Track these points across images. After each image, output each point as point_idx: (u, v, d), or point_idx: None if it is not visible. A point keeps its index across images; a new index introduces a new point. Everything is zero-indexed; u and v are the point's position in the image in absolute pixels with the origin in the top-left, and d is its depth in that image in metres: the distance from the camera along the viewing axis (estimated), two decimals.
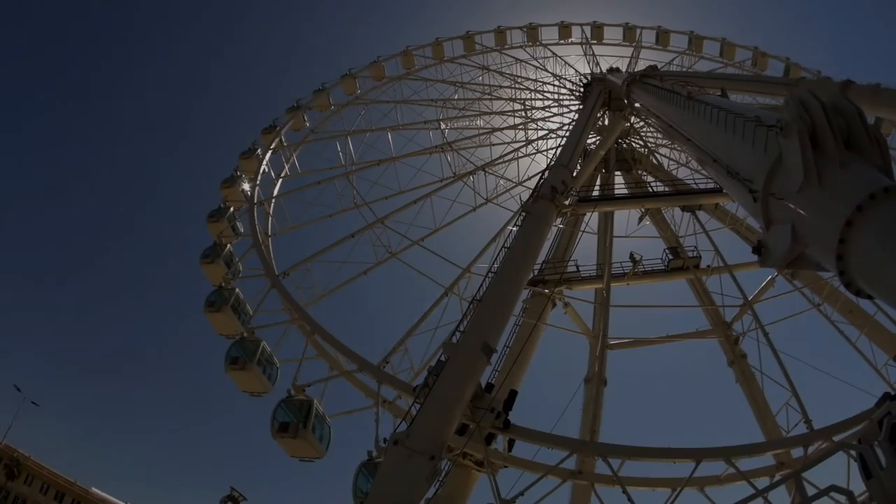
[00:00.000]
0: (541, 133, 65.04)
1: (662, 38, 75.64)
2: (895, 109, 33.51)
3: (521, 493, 28.55)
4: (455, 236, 56.87)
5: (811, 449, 30.89)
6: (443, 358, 29.69)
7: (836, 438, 30.35)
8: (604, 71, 65.71)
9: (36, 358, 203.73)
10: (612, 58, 73.38)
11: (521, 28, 76.44)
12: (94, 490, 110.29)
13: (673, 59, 73.44)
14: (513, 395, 32.45)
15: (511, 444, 31.31)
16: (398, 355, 39.29)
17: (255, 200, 49.49)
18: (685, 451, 30.34)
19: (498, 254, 37.60)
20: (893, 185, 15.52)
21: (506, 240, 38.16)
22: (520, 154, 61.87)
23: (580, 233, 55.36)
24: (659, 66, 62.57)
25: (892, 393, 17.37)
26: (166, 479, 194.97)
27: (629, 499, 28.03)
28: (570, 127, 59.95)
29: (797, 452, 31.95)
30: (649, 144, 62.38)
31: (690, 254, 51.09)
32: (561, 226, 53.92)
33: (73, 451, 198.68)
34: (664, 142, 60.85)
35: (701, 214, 54.16)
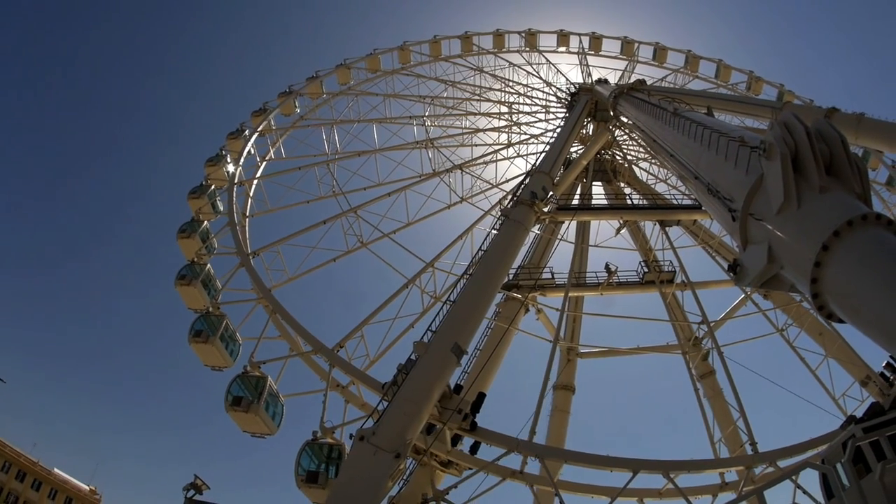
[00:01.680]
0: (523, 137, 65.52)
1: (660, 54, 76.40)
2: (877, 138, 34.16)
3: (455, 486, 29.43)
4: (428, 231, 57.44)
5: (764, 469, 31.19)
6: (413, 357, 29.58)
7: (780, 463, 30.75)
8: (593, 81, 66.12)
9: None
10: (607, 70, 74.47)
11: (519, 33, 76.81)
12: (57, 471, 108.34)
13: (666, 76, 74.49)
14: (481, 397, 32.44)
15: (476, 447, 31.26)
16: (354, 341, 39.66)
17: (237, 180, 49.77)
18: (623, 461, 30.49)
19: (475, 256, 37.67)
20: (871, 213, 15.73)
21: (483, 242, 38.25)
22: (499, 156, 62.60)
23: (557, 240, 55.72)
24: (652, 82, 63.26)
25: (857, 416, 17.59)
26: (129, 462, 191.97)
27: (561, 501, 28.20)
28: (553, 133, 60.52)
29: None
30: (629, 157, 62.85)
31: (666, 268, 51.51)
32: (538, 232, 54.09)
33: (37, 430, 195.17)
34: (645, 156, 61.38)
35: (677, 231, 54.77)
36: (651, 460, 30.21)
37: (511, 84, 70.93)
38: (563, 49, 76.77)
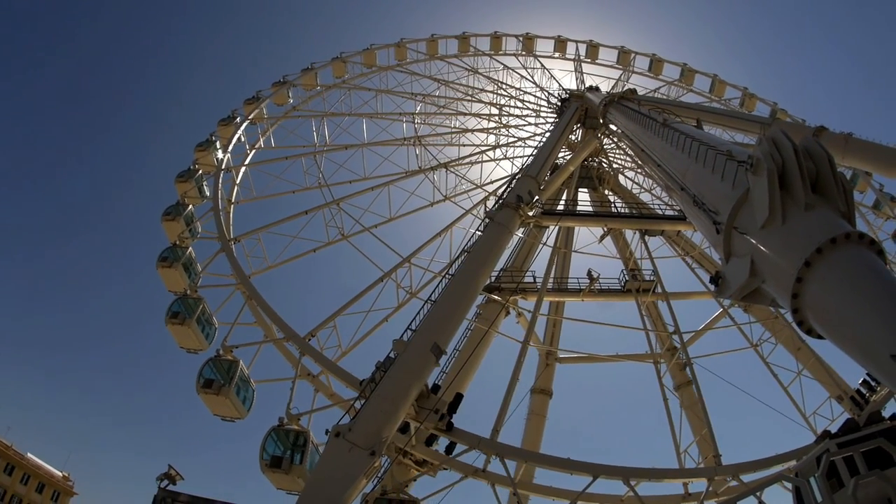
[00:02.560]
0: (511, 140, 65.81)
1: (656, 66, 76.84)
2: (864, 159, 34.61)
3: (415, 479, 29.94)
4: (410, 228, 57.72)
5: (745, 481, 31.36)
6: (392, 355, 29.53)
7: (744, 477, 31.02)
8: (584, 88, 66.41)
9: None
10: (601, 78, 75.06)
11: (517, 36, 77.10)
12: (30, 456, 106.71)
13: (659, 87, 74.76)
14: (458, 398, 32.45)
15: (451, 447, 31.22)
16: (327, 331, 39.89)
17: (224, 167, 49.79)
18: (583, 465, 30.63)
19: (457, 256, 37.71)
20: (854, 231, 15.90)
21: (466, 243, 38.34)
22: (485, 157, 62.96)
23: (540, 244, 55.92)
24: (646, 93, 63.63)
25: (831, 432, 17.82)
26: (103, 451, 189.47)
27: (518, 501, 28.14)
28: (541, 138, 60.82)
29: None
30: (616, 166, 63.18)
31: (648, 277, 51.76)
32: (522, 235, 54.24)
33: (10, 415, 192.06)
34: (631, 165, 61.73)
35: (657, 241, 55.10)
36: (611, 466, 30.27)
37: (504, 86, 71.13)
38: (558, 55, 77.17)
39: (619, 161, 63.35)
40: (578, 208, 57.49)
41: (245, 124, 54.80)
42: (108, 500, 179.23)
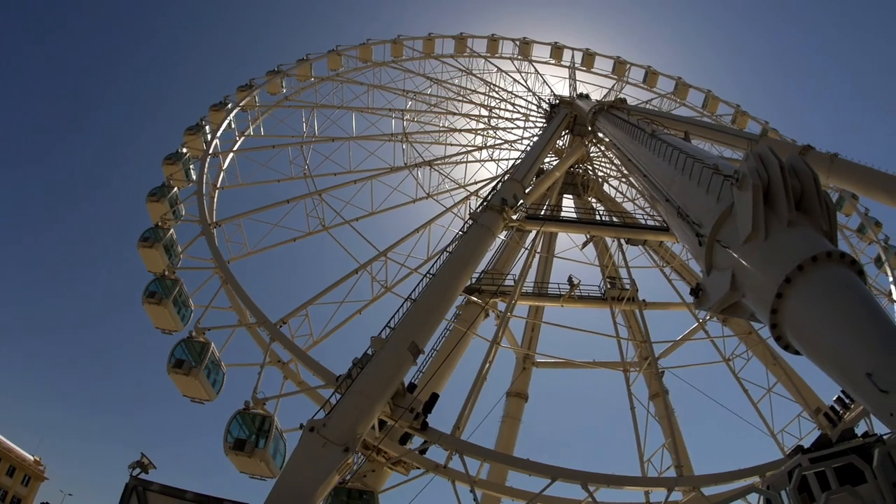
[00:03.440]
0: (498, 141, 65.95)
1: (651, 78, 77.03)
2: (849, 179, 35.09)
3: (372, 470, 30.01)
4: (390, 223, 57.62)
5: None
6: (369, 351, 29.41)
7: (707, 490, 31.29)
8: (574, 95, 66.65)
9: None
10: (594, 87, 75.12)
11: (514, 40, 77.12)
12: (2, 438, 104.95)
13: (651, 100, 75.00)
14: (434, 398, 32.36)
15: (426, 448, 31.13)
16: (299, 320, 39.86)
17: (211, 151, 49.61)
18: (541, 467, 30.59)
19: (439, 256, 37.65)
20: (836, 251, 16.12)
21: (448, 244, 38.32)
22: (470, 158, 63.04)
23: (523, 249, 55.98)
24: (638, 104, 63.92)
25: (804, 446, 18.04)
26: (76, 439, 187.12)
27: (475, 499, 28.27)
28: (528, 142, 60.99)
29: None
30: (600, 175, 63.43)
31: (628, 286, 51.94)
32: (505, 238, 54.26)
33: None
34: (616, 173, 62.00)
35: (636, 250, 55.43)
36: (570, 469, 30.20)
37: (496, 89, 71.22)
38: (554, 61, 77.29)
39: (605, 169, 63.63)
40: (562, 214, 57.67)
41: (236, 111, 54.60)
42: (79, 487, 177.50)
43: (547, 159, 57.68)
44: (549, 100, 68.09)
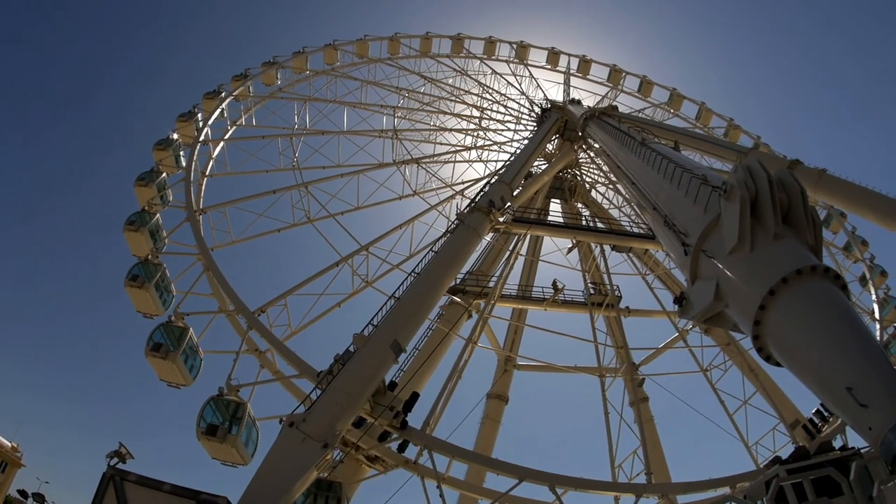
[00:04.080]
0: (487, 143, 66.14)
1: (646, 87, 77.13)
2: (836, 195, 35.45)
3: (341, 461, 29.79)
4: (375, 219, 57.97)
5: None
6: (352, 348, 29.34)
7: (680, 499, 31.46)
8: (566, 100, 66.83)
9: None
10: (588, 94, 75.10)
11: (511, 43, 77.16)
12: None
13: (644, 109, 75.09)
14: (414, 397, 32.33)
15: (403, 446, 31.06)
16: (277, 309, 39.85)
17: (202, 139, 49.36)
18: (509, 466, 30.70)
19: (424, 255, 37.65)
20: (820, 265, 16.27)
21: (427, 239, 38.42)
22: (458, 158, 63.28)
23: (508, 251, 56.00)
24: (631, 112, 64.09)
25: (782, 458, 18.20)
26: (55, 429, 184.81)
27: (441, 495, 28.41)
28: (518, 144, 61.12)
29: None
30: (587, 180, 63.68)
31: (613, 292, 52.11)
32: (490, 240, 54.27)
33: None
34: (603, 180, 62.27)
35: (618, 257, 55.76)
36: (538, 470, 30.30)
37: (489, 90, 71.30)
38: (549, 66, 77.43)
39: (593, 175, 63.88)
40: (549, 218, 57.83)
41: (229, 100, 54.42)
42: (56, 476, 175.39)
43: (536, 163, 57.77)
44: (541, 104, 68.27)
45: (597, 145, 46.40)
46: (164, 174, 45.56)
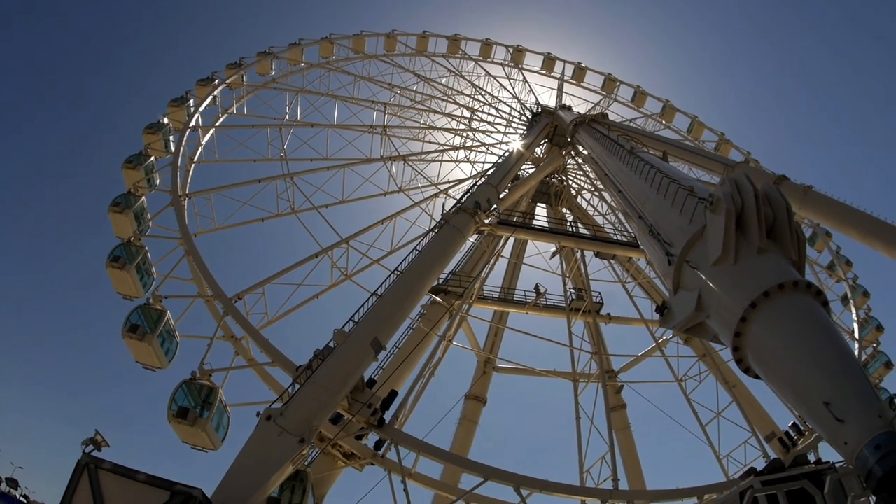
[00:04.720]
0: (475, 144, 66.27)
1: (639, 98, 77.23)
2: (821, 212, 35.86)
3: (310, 454, 29.38)
4: (359, 214, 57.65)
5: None
6: (331, 344, 29.18)
7: None
8: (557, 105, 67.05)
9: None
10: (581, 101, 75.43)
11: (507, 47, 77.18)
12: None
13: (636, 118, 75.32)
14: (392, 395, 32.29)
15: (380, 443, 30.99)
16: (255, 297, 39.91)
17: (192, 125, 49.20)
18: (476, 465, 30.75)
19: (409, 254, 37.59)
20: (802, 280, 16.41)
21: (418, 241, 38.38)
22: (445, 157, 63.62)
23: (493, 254, 56.10)
24: (622, 121, 64.39)
25: (757, 469, 18.36)
26: (30, 418, 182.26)
27: (405, 489, 28.39)
28: (507, 147, 61.29)
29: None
30: (574, 186, 63.91)
31: (595, 299, 52.39)
32: (475, 241, 54.32)
33: None
34: (590, 186, 62.54)
35: (599, 263, 55.98)
36: (503, 470, 30.18)
37: (482, 92, 71.39)
38: (544, 72, 77.46)
39: (580, 181, 64.14)
40: (534, 222, 58.02)
41: (222, 87, 54.22)
42: (30, 462, 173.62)
43: (524, 166, 57.93)
44: (532, 108, 68.46)
45: (585, 152, 46.56)
46: (152, 157, 45.45)
